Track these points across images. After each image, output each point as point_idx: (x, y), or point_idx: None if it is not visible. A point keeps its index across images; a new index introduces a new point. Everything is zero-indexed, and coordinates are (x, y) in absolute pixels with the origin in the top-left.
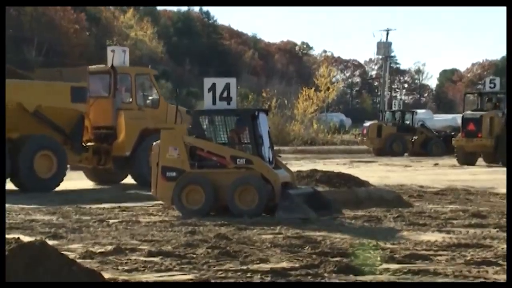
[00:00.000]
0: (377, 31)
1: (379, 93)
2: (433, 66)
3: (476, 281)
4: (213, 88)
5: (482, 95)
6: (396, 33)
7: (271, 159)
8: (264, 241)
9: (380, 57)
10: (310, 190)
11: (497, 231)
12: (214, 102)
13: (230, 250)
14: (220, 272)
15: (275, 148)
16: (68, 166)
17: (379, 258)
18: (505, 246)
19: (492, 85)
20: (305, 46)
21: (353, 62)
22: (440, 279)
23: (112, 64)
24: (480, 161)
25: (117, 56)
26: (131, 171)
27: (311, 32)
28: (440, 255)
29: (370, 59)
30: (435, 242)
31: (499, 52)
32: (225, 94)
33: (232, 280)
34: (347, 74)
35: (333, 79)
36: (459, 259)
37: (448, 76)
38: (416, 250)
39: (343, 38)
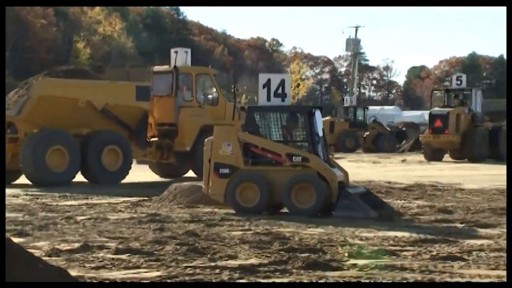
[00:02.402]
0: (346, 28)
1: (348, 90)
2: (402, 63)
3: (440, 276)
4: (268, 84)
5: (449, 92)
6: (365, 30)
7: (325, 158)
8: (233, 238)
9: (349, 53)
10: (364, 189)
11: (462, 227)
12: (268, 99)
13: (198, 247)
14: (189, 269)
15: None
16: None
17: (347, 254)
18: (470, 241)
19: (458, 82)
20: (275, 43)
21: (323, 59)
22: (406, 274)
23: (174, 65)
24: (447, 157)
25: (179, 57)
26: (192, 165)
27: (281, 28)
28: (407, 250)
29: (340, 56)
30: (402, 237)
31: (466, 49)
32: (279, 91)
33: (200, 277)
34: (317, 71)
35: (303, 76)
36: (425, 254)
37: (416, 73)
38: (383, 245)
39: (313, 34)
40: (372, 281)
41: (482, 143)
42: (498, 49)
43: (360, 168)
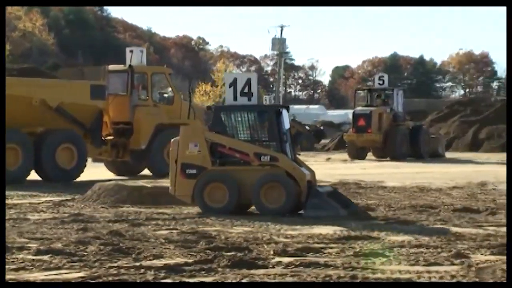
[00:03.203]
0: (271, 28)
1: (274, 89)
2: (326, 62)
3: (363, 272)
4: (234, 83)
5: (372, 92)
6: (291, 29)
7: (293, 157)
8: (159, 237)
9: (275, 53)
10: (330, 188)
11: (384, 223)
12: (235, 98)
13: (123, 247)
14: (113, 269)
15: None
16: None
17: (272, 252)
18: (392, 238)
19: (381, 82)
20: (201, 41)
21: (249, 58)
22: (330, 271)
23: (130, 64)
24: (370, 155)
25: (135, 56)
26: (147, 163)
27: (207, 27)
28: (331, 247)
29: (266, 55)
30: (327, 235)
31: (388, 50)
32: (246, 90)
33: (125, 277)
34: (243, 70)
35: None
36: (349, 251)
37: (340, 73)
38: (308, 243)
39: (239, 33)
40: (296, 279)
41: (403, 142)
42: (418, 50)
43: None
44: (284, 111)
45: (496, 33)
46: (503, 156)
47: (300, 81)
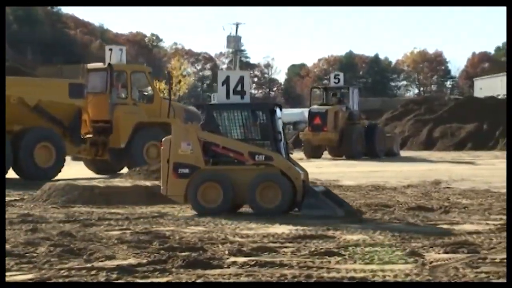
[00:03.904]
0: (227, 25)
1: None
2: (282, 60)
3: (318, 271)
4: (227, 81)
5: (328, 90)
6: (246, 27)
7: (287, 156)
8: (111, 238)
9: (230, 50)
10: (323, 188)
11: (339, 222)
12: (227, 96)
13: (74, 248)
14: (63, 270)
15: None
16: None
17: (227, 252)
18: (347, 237)
19: (336, 80)
20: (154, 38)
21: (204, 55)
22: (285, 271)
23: (109, 62)
24: (326, 154)
25: (114, 54)
26: (127, 162)
27: (161, 23)
28: (286, 247)
29: (221, 53)
30: (282, 234)
31: (343, 48)
32: (239, 88)
33: (76, 279)
34: (198, 67)
35: (184, 72)
36: (304, 250)
37: (296, 71)
38: (264, 242)
39: (194, 30)
40: (251, 278)
41: (359, 140)
42: (373, 49)
43: None
44: (278, 110)
45: (449, 32)
46: (456, 155)
47: (255, 79)
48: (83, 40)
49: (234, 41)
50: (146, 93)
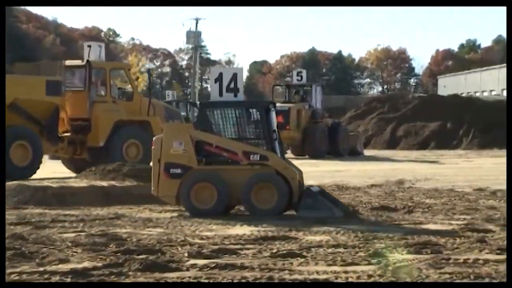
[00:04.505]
0: (186, 20)
1: (190, 84)
2: (244, 57)
3: (279, 273)
4: (220, 78)
5: (290, 88)
6: (206, 22)
7: (282, 156)
8: (65, 240)
9: (190, 46)
10: (318, 188)
11: (302, 223)
12: (220, 94)
13: (25, 251)
14: (14, 275)
15: None
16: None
17: (186, 254)
18: (309, 237)
19: (299, 78)
20: (111, 33)
21: (162, 51)
22: (246, 273)
23: (87, 59)
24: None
25: (93, 51)
26: (106, 161)
27: (118, 18)
28: (247, 248)
29: (180, 49)
30: (243, 235)
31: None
32: (232, 85)
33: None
34: (157, 64)
35: (142, 68)
36: (266, 252)
37: (258, 68)
38: (224, 244)
39: (152, 25)
40: (212, 281)
41: (322, 139)
42: (337, 46)
43: None
44: (272, 108)
45: (413, 29)
46: (420, 154)
47: None
48: (36, 35)
49: (194, 37)
50: (125, 91)
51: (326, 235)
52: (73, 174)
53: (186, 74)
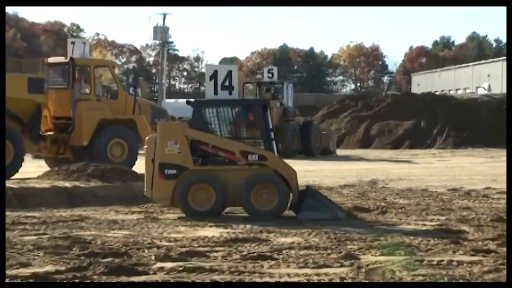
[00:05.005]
0: (153, 15)
1: (157, 81)
2: (213, 54)
3: (250, 276)
4: (215, 76)
5: (261, 85)
6: (174, 17)
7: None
8: (26, 243)
9: (157, 42)
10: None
11: (273, 224)
12: (216, 92)
13: None
14: None
15: None
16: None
17: (153, 257)
18: (281, 239)
19: (270, 75)
20: (75, 28)
21: (128, 47)
22: (216, 276)
23: (71, 56)
24: None
25: (76, 48)
26: (89, 160)
27: (82, 12)
28: (217, 251)
29: (147, 44)
30: (213, 237)
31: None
32: (227, 83)
33: None
34: (123, 60)
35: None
36: (236, 255)
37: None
38: (193, 246)
39: (117, 20)
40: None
41: (293, 138)
42: (308, 42)
43: None
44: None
45: (386, 25)
46: (393, 153)
47: (185, 73)
48: None
49: (161, 32)
50: (109, 89)
51: (297, 237)
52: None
53: (153, 70)
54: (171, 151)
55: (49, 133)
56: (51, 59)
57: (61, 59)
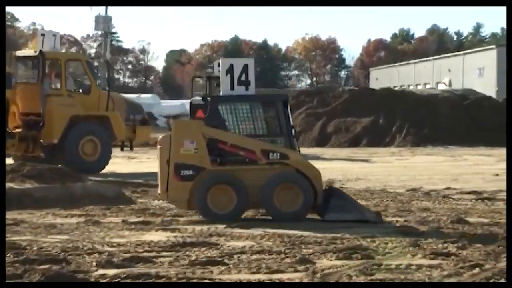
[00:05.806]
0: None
1: (99, 74)
2: (160, 46)
3: (200, 282)
4: (230, 70)
5: (211, 79)
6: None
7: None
8: None
9: (99, 33)
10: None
11: (224, 227)
12: (232, 87)
13: None
14: None
15: None
16: None
17: (95, 263)
18: (232, 243)
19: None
20: (9, 17)
21: (68, 38)
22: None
23: (41, 49)
24: None
25: (47, 40)
26: (61, 158)
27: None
28: (163, 256)
29: (88, 35)
30: (159, 242)
31: (228, 33)
32: (243, 78)
33: None
34: (62, 51)
35: None
36: (183, 260)
37: (176, 58)
38: (138, 252)
39: (55, 10)
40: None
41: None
42: (261, 34)
43: (115, 165)
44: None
45: (343, 17)
46: (350, 151)
47: (130, 66)
48: None
49: (104, 22)
50: (82, 83)
51: (249, 240)
52: None
53: (95, 63)
54: (187, 151)
55: (17, 130)
56: (19, 52)
57: (30, 52)
